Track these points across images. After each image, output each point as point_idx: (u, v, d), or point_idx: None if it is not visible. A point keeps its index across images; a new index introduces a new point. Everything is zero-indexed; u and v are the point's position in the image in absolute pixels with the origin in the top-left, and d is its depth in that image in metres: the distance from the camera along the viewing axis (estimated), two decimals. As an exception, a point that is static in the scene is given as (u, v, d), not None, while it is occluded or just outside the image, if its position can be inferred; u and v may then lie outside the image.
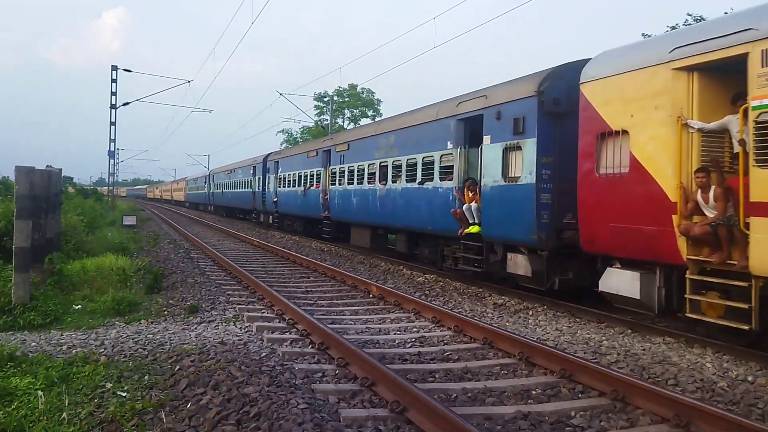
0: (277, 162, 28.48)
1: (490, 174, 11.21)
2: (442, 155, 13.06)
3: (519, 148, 10.44)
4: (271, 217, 29.49)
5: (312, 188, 22.66)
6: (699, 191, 7.18)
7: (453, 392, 5.56)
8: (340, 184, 19.51)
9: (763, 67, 6.41)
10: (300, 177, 24.32)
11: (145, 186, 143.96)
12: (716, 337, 7.37)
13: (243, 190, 36.49)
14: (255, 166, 33.00)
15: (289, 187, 26.01)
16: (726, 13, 12.97)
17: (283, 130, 56.50)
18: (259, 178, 31.77)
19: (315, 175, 22.59)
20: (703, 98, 7.34)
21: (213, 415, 4.61)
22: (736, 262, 6.74)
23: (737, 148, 6.80)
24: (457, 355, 6.90)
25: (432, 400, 4.72)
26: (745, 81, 6.64)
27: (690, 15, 24.49)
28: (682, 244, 7.33)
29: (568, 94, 9.67)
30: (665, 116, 7.53)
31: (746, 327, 6.62)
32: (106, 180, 56.91)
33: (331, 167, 20.83)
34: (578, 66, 9.31)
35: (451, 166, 12.65)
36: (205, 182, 52.97)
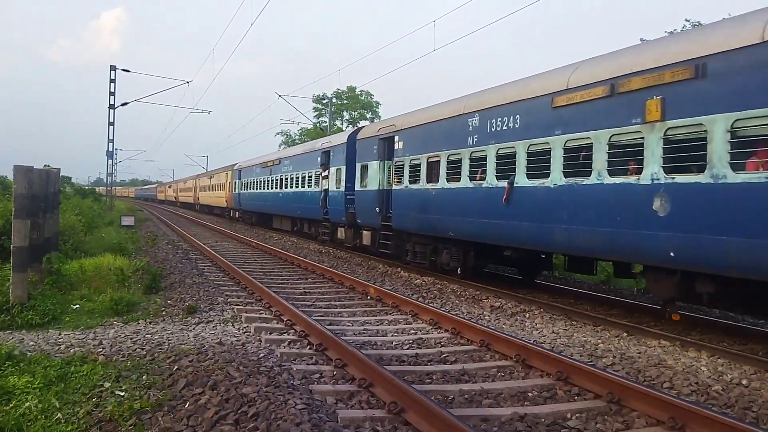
0: None
1: None
2: None
3: None
4: None
5: None
6: None
7: (450, 394, 5.59)
8: None
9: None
10: None
11: (155, 185, 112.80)
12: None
13: None
14: None
15: None
16: (723, 18, 12.98)
17: (281, 132, 56.67)
18: None
19: None
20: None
21: (211, 415, 4.63)
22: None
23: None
24: (454, 356, 6.93)
25: (429, 401, 4.74)
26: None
27: (688, 20, 24.55)
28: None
29: None
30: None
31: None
32: (104, 180, 55.48)
33: None
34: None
35: None
36: (304, 167, 23.35)
